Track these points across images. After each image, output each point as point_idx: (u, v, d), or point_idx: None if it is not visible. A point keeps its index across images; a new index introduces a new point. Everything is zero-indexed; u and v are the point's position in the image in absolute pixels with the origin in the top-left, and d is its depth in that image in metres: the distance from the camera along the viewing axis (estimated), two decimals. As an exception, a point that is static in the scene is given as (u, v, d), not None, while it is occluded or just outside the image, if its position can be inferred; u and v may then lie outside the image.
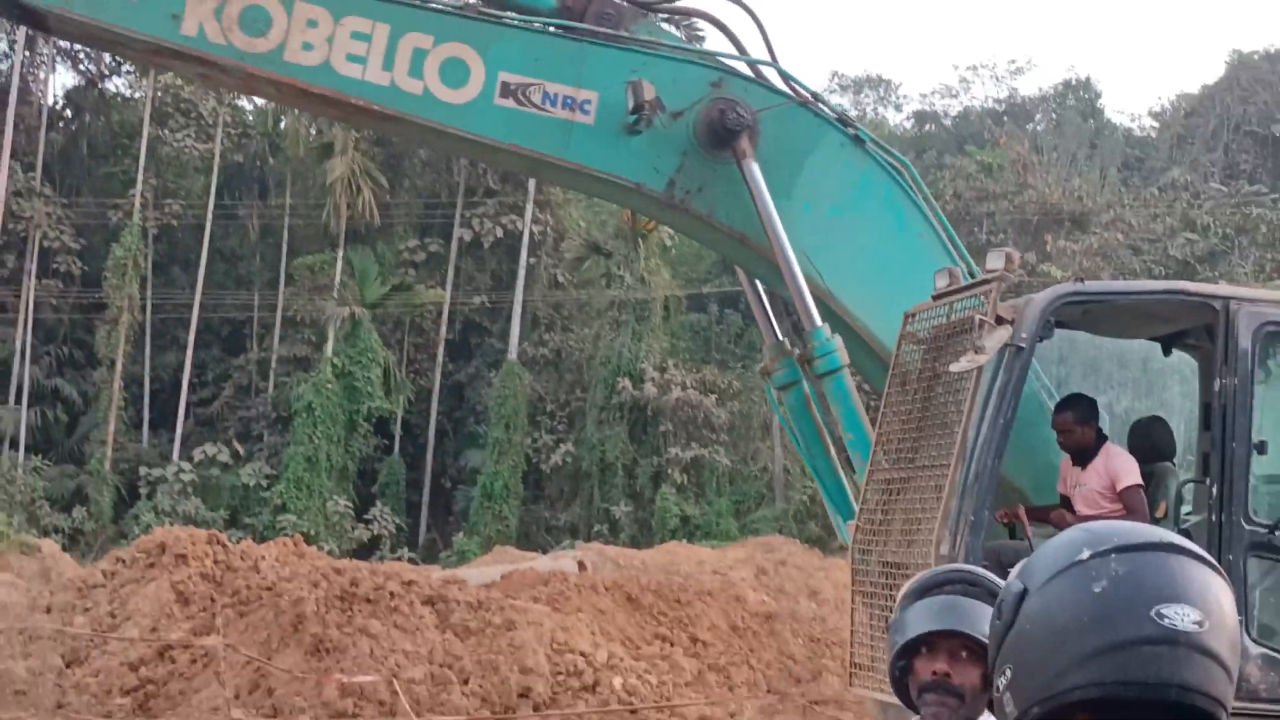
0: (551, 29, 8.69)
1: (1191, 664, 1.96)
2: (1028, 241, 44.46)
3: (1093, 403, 7.84)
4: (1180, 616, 1.96)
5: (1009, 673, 2.10)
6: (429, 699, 15.32)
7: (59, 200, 46.13)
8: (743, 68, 9.02)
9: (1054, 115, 59.10)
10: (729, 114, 8.46)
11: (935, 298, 7.89)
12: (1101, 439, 7.73)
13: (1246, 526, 6.89)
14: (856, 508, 8.22)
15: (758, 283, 9.82)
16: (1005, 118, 58.55)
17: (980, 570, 3.36)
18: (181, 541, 17.76)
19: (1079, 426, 7.71)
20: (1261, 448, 7.03)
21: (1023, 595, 2.10)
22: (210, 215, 46.47)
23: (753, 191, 8.44)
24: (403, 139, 32.84)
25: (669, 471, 42.54)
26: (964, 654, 3.19)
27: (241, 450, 44.21)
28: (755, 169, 8.47)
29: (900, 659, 3.31)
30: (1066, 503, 7.74)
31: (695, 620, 17.97)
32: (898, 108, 66.69)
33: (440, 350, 47.64)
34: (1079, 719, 2.03)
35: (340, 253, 46.31)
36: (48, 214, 45.31)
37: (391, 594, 16.51)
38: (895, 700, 6.95)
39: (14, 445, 44.28)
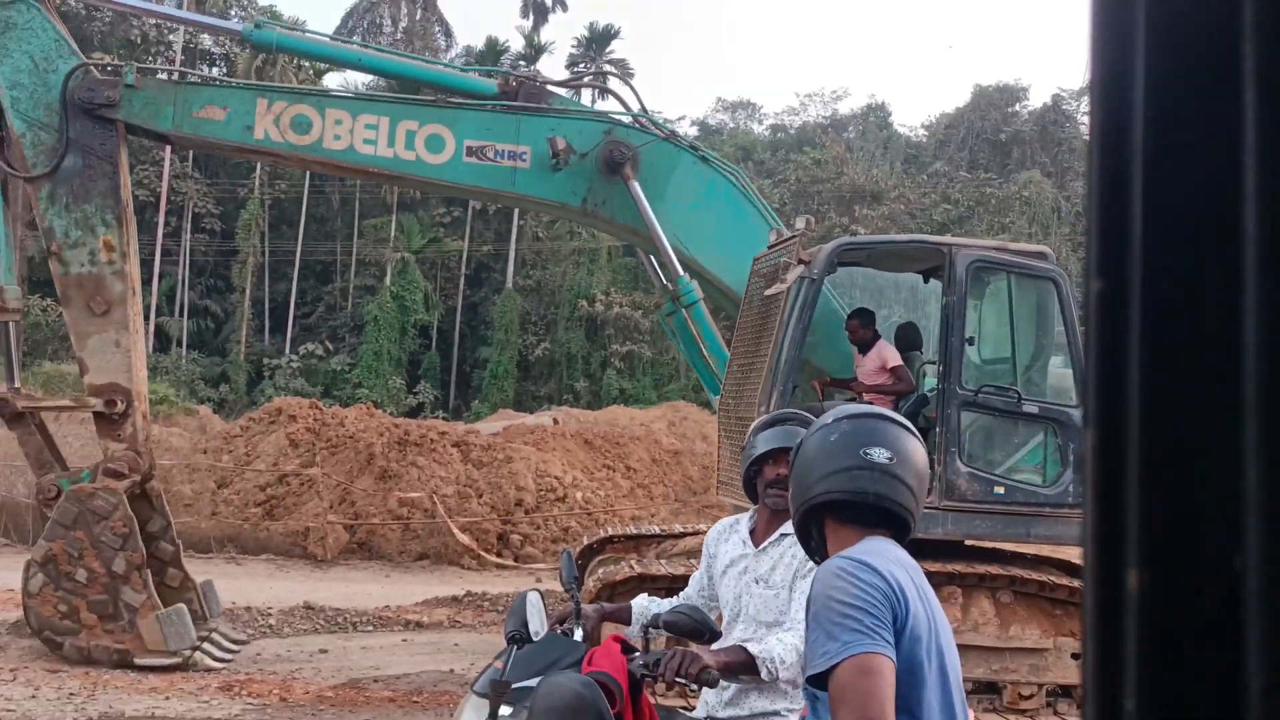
0: (496, 107, 8.82)
1: (884, 483, 2.13)
2: (843, 210, 44.50)
3: (870, 313, 7.86)
4: (877, 454, 2.13)
5: (792, 487, 2.26)
6: (456, 507, 15.41)
7: (205, 180, 44.97)
8: (626, 118, 9.16)
9: (860, 126, 58.80)
10: (615, 152, 8.62)
11: (769, 248, 7.97)
12: (876, 336, 7.78)
13: (960, 391, 6.97)
14: (720, 385, 8.36)
15: (650, 255, 10.01)
16: (830, 128, 58.16)
17: (807, 414, 3.46)
18: (292, 407, 17.68)
19: (860, 329, 7.77)
20: (970, 341, 7.11)
21: (802, 441, 2.27)
22: (306, 190, 45.52)
23: (636, 201, 8.60)
24: (404, 188, 33.48)
25: (612, 360, 42.61)
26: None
27: (330, 347, 43.71)
28: (636, 186, 8.63)
29: (753, 466, 3.32)
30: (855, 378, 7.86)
31: (628, 456, 18.14)
32: (760, 122, 65.99)
33: (461, 281, 47.22)
34: (825, 517, 2.21)
35: (394, 216, 45.59)
36: (197, 190, 44.19)
37: (432, 440, 16.55)
38: (745, 501, 7.14)
39: (179, 344, 43.56)
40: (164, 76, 8.99)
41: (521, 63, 48.03)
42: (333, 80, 41.26)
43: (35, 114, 8.21)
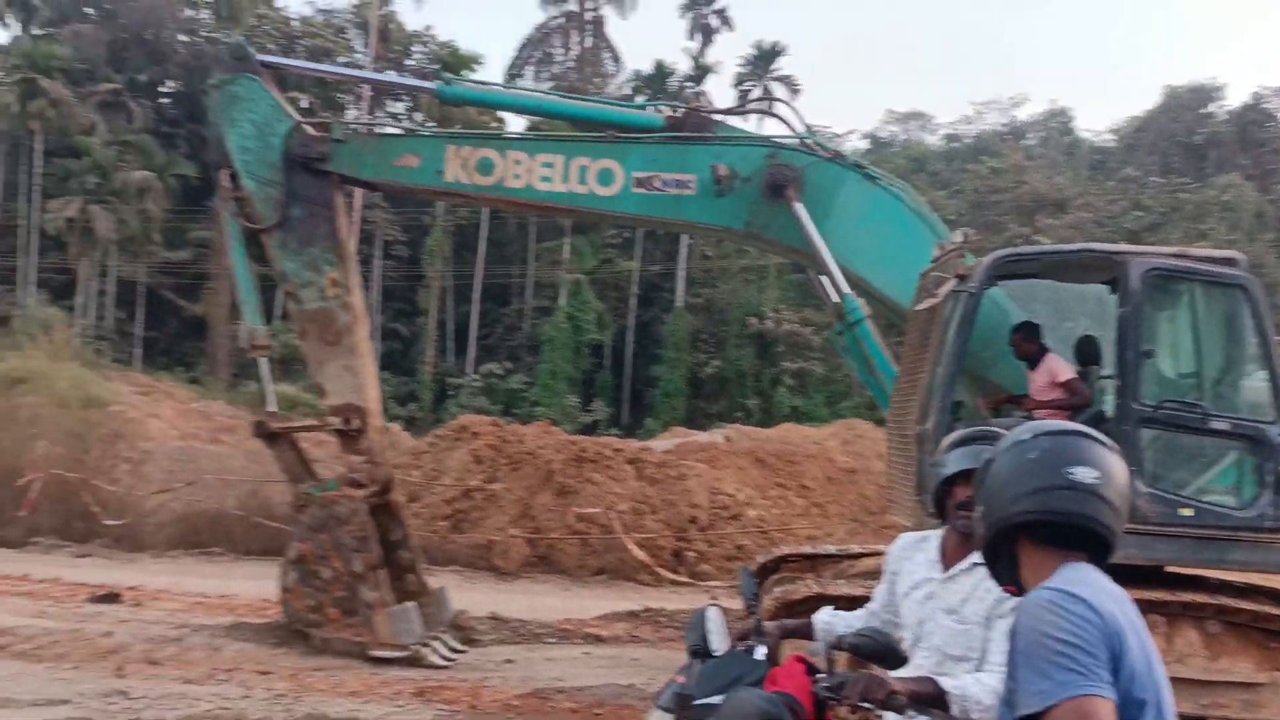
0: (663, 139, 9.18)
1: (1090, 504, 2.05)
2: (1024, 220, 42.76)
3: (1034, 326, 7.54)
4: (1083, 473, 2.04)
5: (981, 508, 2.19)
6: (631, 523, 15.61)
7: (392, 210, 47.37)
8: (790, 140, 9.21)
9: (1041, 133, 56.38)
10: (779, 174, 8.73)
11: (933, 262, 7.84)
12: (1043, 350, 7.46)
13: (1139, 406, 6.60)
14: (889, 400, 8.30)
15: (818, 273, 10.04)
16: (1008, 136, 56.06)
17: (999, 431, 3.40)
18: (475, 424, 18.19)
19: (1024, 343, 7.50)
20: (1149, 354, 6.72)
21: (990, 461, 2.20)
22: (485, 217, 47.24)
23: (800, 223, 8.67)
24: (576, 220, 35.00)
25: (783, 378, 42.29)
26: None
27: (510, 366, 45.14)
28: (800, 208, 8.70)
29: (942, 486, 3.23)
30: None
31: (802, 474, 17.95)
32: (932, 132, 64.22)
33: (632, 301, 47.89)
34: (1020, 539, 2.11)
35: (567, 240, 46.70)
36: (385, 219, 46.55)
37: (607, 457, 16.80)
38: (910, 518, 6.94)
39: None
40: (364, 130, 10.10)
41: (689, 84, 48.50)
42: (515, 120, 42.67)
43: (262, 173, 9.39)
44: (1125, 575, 6.62)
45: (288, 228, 9.31)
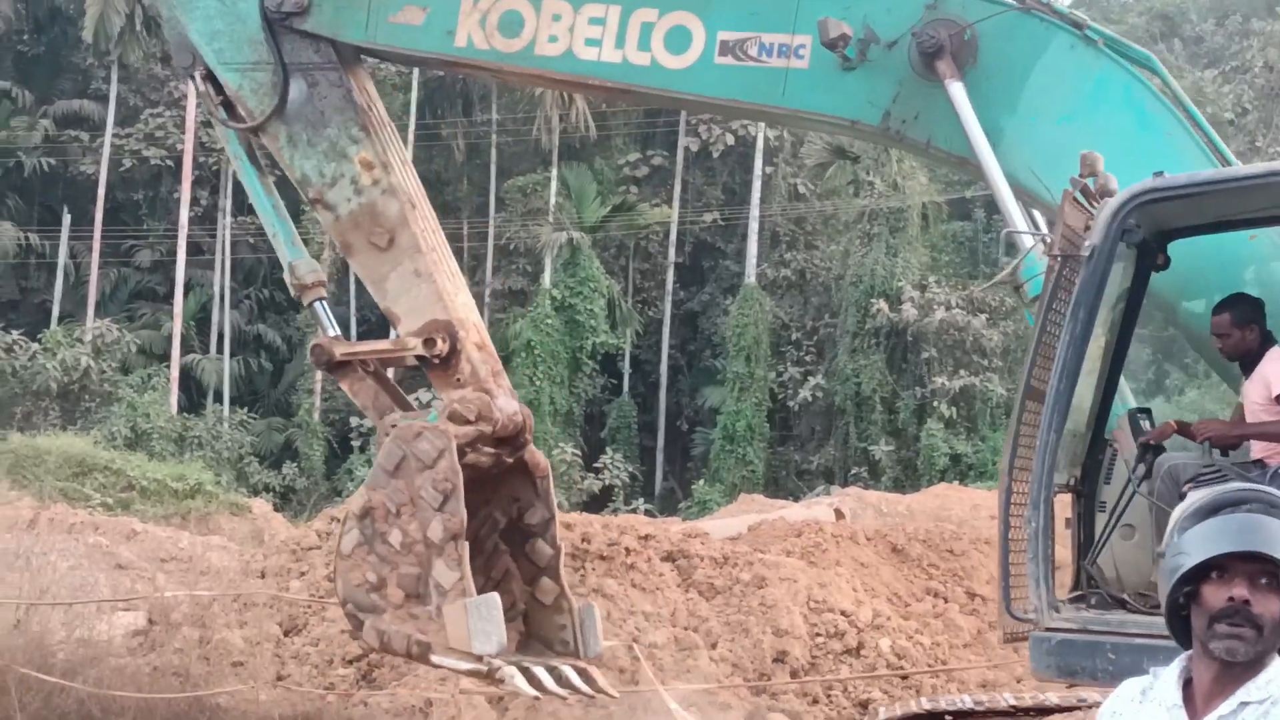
0: None
1: None
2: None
3: (1256, 302, 7.65)
4: None
5: None
6: (674, 665, 15.53)
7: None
8: None
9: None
10: (933, 35, 8.91)
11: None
12: (1268, 342, 7.57)
13: None
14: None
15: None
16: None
17: (1272, 492, 3.34)
18: (397, 499, 18.23)
19: (1236, 329, 7.61)
20: None
21: None
22: (412, 136, 47.42)
23: (959, 113, 8.80)
24: (631, 103, 35.72)
25: (935, 404, 42.20)
26: (1264, 580, 3.21)
27: (456, 396, 45.21)
28: (959, 89, 8.84)
29: (1184, 585, 3.32)
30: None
31: (971, 573, 17.81)
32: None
33: (669, 276, 47.95)
34: None
35: (554, 171, 46.92)
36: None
37: (627, 550, 16.75)
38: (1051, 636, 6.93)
39: (218, 397, 46.08)
40: None
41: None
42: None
43: (241, 57, 10.63)
44: None
45: (290, 115, 10.53)
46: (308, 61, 10.56)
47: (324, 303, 11.00)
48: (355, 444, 43.76)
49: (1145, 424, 7.98)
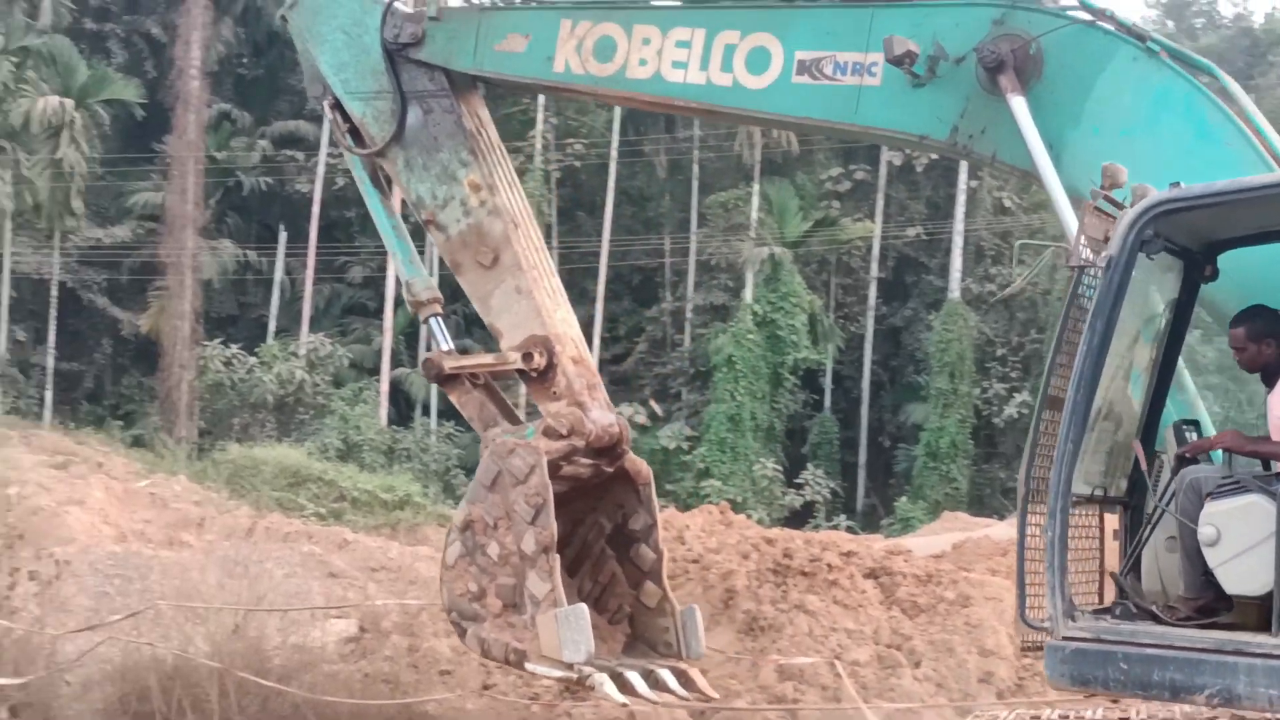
0: (839, 2, 10.21)
1: None
2: None
3: (1274, 315, 7.47)
4: None
5: None
6: (876, 683, 15.40)
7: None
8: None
9: None
10: (996, 50, 9.13)
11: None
12: None
13: None
14: None
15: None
16: None
17: None
18: (600, 511, 18.36)
19: (1251, 343, 7.46)
20: None
21: None
22: (614, 153, 47.83)
23: (1020, 126, 8.96)
24: (714, 122, 39.07)
25: (1146, 420, 41.15)
26: None
27: (659, 410, 45.23)
28: (1020, 104, 9.00)
29: None
30: None
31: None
32: None
33: (872, 291, 47.73)
34: None
35: (756, 187, 46.94)
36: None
37: (829, 566, 16.66)
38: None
39: (426, 410, 46.81)
40: (469, 3, 12.65)
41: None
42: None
43: (365, 86, 11.63)
44: None
45: (408, 141, 11.48)
46: (423, 89, 11.41)
47: (439, 319, 11.69)
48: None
49: (1191, 435, 7.94)
